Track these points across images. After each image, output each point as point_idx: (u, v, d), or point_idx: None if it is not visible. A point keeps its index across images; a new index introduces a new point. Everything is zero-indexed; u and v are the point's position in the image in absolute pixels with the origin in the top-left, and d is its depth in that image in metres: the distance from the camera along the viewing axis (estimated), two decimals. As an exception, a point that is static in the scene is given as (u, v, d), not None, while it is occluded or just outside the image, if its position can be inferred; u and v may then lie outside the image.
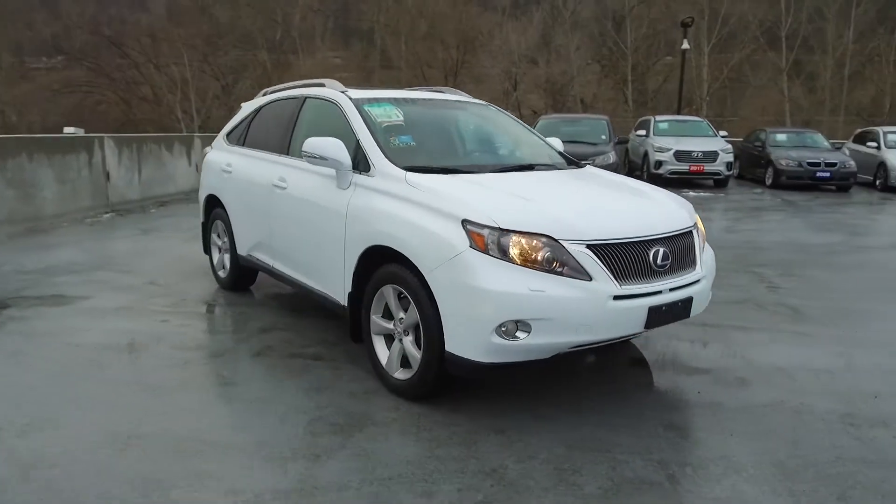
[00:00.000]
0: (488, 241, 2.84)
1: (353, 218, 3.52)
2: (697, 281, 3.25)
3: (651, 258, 3.02)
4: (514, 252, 2.83)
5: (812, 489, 2.54)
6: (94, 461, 2.66)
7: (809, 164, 14.06)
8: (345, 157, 3.62)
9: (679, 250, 3.19)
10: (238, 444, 2.82)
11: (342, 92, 4.17)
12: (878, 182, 14.59)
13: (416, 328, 3.22)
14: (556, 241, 2.85)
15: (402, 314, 3.28)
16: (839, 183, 14.11)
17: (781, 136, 15.75)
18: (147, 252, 6.86)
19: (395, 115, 4.02)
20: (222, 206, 5.20)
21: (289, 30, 39.96)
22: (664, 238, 3.12)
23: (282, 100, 4.82)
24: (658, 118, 16.26)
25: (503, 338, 2.81)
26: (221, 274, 5.44)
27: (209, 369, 3.69)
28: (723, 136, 15.45)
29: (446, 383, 3.19)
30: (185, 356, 3.86)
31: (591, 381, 3.61)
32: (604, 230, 2.97)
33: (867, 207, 11.94)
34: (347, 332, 3.67)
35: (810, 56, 29.95)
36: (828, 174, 13.99)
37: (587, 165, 4.32)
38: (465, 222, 2.92)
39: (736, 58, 28.50)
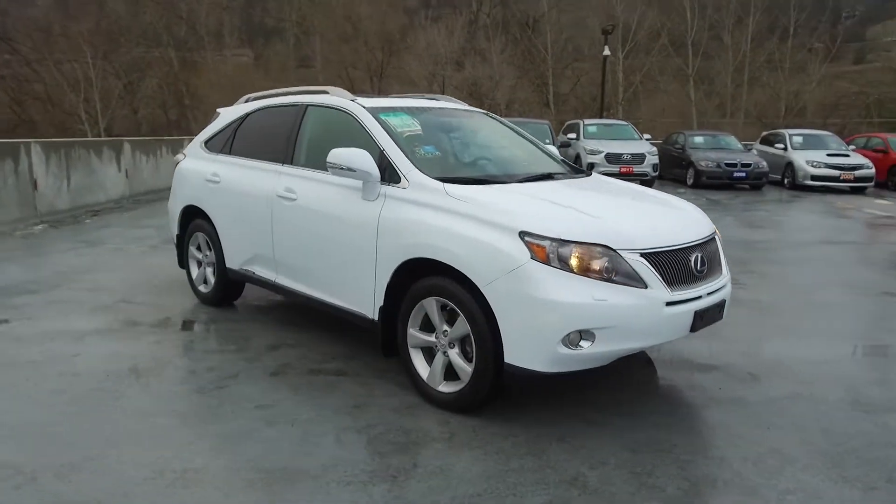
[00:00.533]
0: (549, 252, 2.88)
1: (386, 230, 3.45)
2: (725, 284, 3.44)
3: (692, 264, 3.17)
4: (574, 262, 2.88)
5: (863, 474, 2.75)
6: (157, 499, 2.48)
7: (727, 164, 15.03)
8: (373, 168, 3.55)
9: (710, 256, 3.36)
10: (306, 470, 2.71)
11: (352, 100, 4.09)
12: (786, 181, 15.81)
13: (462, 340, 3.21)
14: (613, 250, 2.93)
15: (446, 327, 3.26)
16: (753, 182, 15.18)
17: (699, 139, 16.75)
18: (103, 266, 6.41)
19: (414, 125, 3.98)
20: (206, 218, 4.95)
21: (195, 26, 38.33)
22: (699, 244, 3.28)
23: (276, 107, 4.65)
24: (587, 122, 16.88)
25: (568, 347, 2.86)
26: (203, 289, 5.18)
27: (233, 392, 3.51)
28: (647, 139, 16.24)
29: (498, 394, 3.20)
30: (199, 380, 3.65)
31: (617, 383, 3.72)
32: (653, 238, 3.08)
33: (783, 204, 12.92)
34: (361, 345, 3.61)
35: (712, 63, 32.08)
36: (744, 174, 15.02)
37: (594, 173, 4.44)
38: (522, 234, 2.94)
39: (647, 64, 30.17)
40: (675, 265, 3.09)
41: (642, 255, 2.98)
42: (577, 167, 4.47)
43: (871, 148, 16.67)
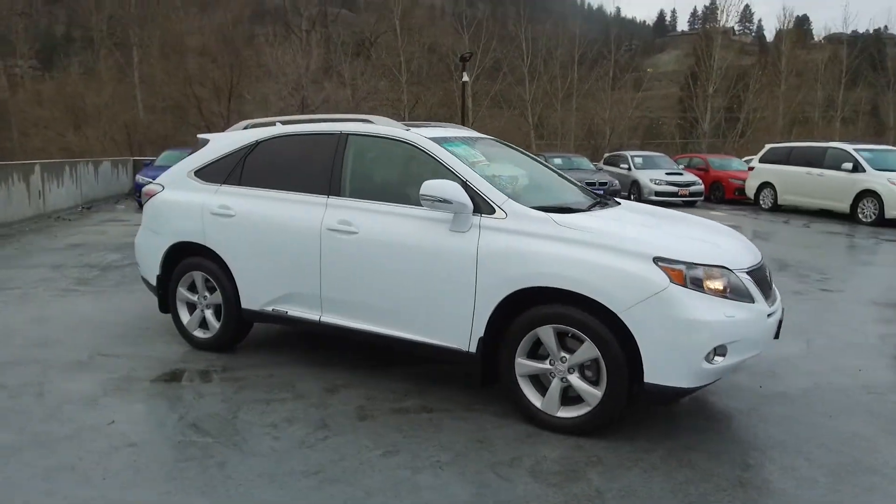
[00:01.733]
0: (686, 275, 3.12)
1: (488, 261, 3.45)
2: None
3: (768, 280, 3.60)
4: (706, 284, 3.15)
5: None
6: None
7: (587, 184, 16.49)
8: (467, 199, 3.53)
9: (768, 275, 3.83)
10: (506, 512, 2.65)
11: (406, 130, 4.02)
12: (632, 197, 17.73)
13: (582, 365, 3.32)
14: (730, 270, 3.25)
15: (563, 353, 3.35)
16: (608, 199, 16.84)
17: (557, 160, 18.17)
18: (40, 318, 5.48)
19: (479, 155, 4.02)
20: (208, 255, 4.48)
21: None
22: (764, 264, 3.73)
23: (301, 136, 4.38)
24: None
25: (709, 363, 3.11)
26: (199, 334, 4.66)
27: (342, 442, 3.26)
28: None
29: (622, 415, 3.35)
30: (293, 434, 3.34)
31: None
32: (748, 258, 3.46)
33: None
34: (421, 379, 3.61)
35: (546, 89, 35.08)
36: (601, 192, 16.58)
37: (621, 199, 4.76)
38: (657, 259, 3.15)
39: (495, 89, 32.12)
40: (763, 281, 3.49)
41: (747, 272, 3.34)
42: (596, 193, 4.75)
43: (694, 167, 19.32)
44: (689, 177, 17.52)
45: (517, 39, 33.39)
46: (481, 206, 3.58)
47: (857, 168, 13.62)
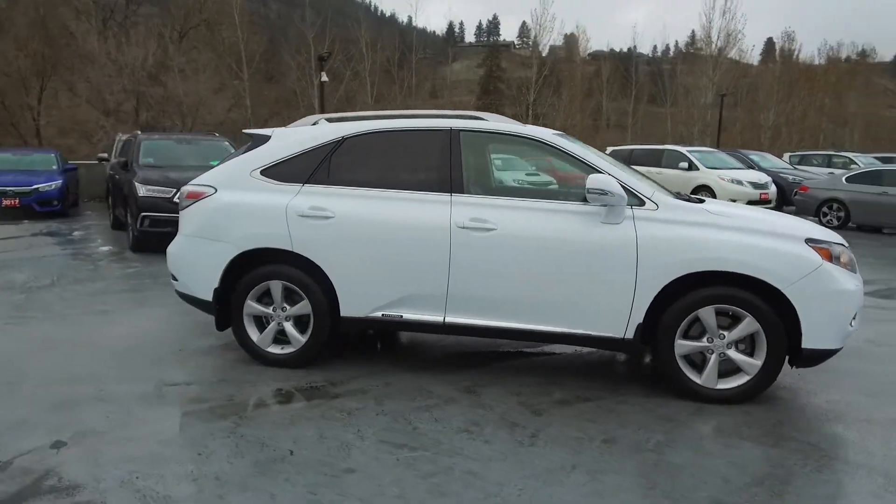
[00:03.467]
0: (831, 253, 3.61)
1: (649, 250, 3.64)
2: None
3: None
4: (842, 259, 3.67)
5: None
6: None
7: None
8: (622, 192, 3.69)
9: None
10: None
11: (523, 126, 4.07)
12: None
13: (737, 341, 3.66)
14: (847, 247, 3.81)
15: (722, 331, 3.66)
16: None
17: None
18: (24, 349, 4.45)
19: (593, 151, 4.18)
20: (292, 262, 4.07)
21: None
22: None
23: (401, 132, 4.17)
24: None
25: (850, 326, 3.63)
26: (275, 350, 4.20)
27: (552, 437, 3.23)
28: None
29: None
30: (497, 438, 3.23)
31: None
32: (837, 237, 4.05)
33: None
34: (534, 369, 3.69)
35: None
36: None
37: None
38: (808, 241, 3.60)
39: (340, 91, 31.49)
40: None
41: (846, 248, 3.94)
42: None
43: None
44: (546, 176, 18.95)
45: (358, 43, 33.27)
46: (630, 198, 3.76)
47: (691, 167, 15.85)
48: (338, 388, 3.88)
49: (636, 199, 3.76)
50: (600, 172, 3.78)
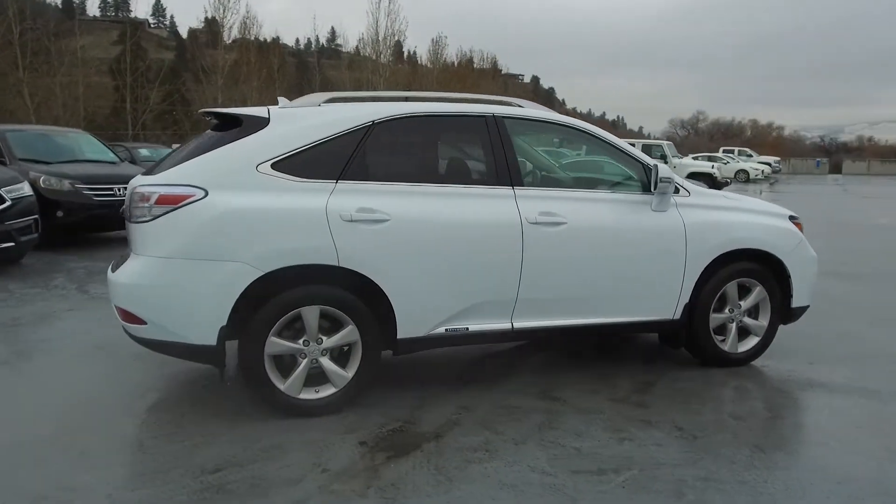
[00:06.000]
0: (801, 225, 4.35)
1: (695, 234, 3.87)
2: None
3: None
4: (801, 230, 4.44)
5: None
6: None
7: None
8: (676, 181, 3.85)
9: None
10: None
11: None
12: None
13: (752, 308, 4.17)
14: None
15: (740, 301, 4.13)
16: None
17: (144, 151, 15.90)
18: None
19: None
20: (335, 280, 3.23)
21: None
22: None
23: (437, 116, 3.59)
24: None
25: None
26: (312, 395, 3.29)
27: (714, 442, 3.22)
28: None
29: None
30: (639, 438, 3.11)
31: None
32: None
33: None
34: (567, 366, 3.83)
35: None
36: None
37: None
38: (791, 217, 4.27)
39: None
40: None
41: None
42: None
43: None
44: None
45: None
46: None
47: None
48: (423, 425, 3.22)
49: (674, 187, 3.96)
50: (640, 161, 3.88)
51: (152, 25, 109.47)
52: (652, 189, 3.78)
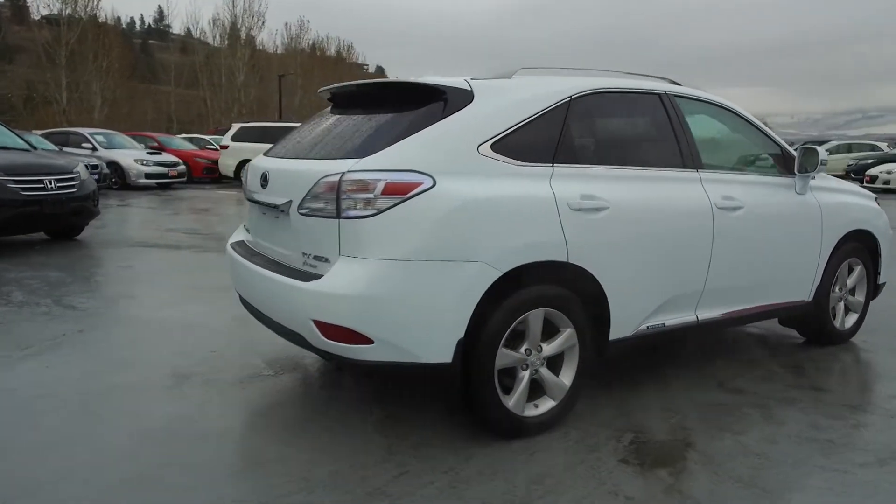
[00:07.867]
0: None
1: (826, 217, 3.92)
2: None
3: None
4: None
5: None
6: None
7: (90, 167, 13.11)
8: None
9: None
10: None
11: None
12: (115, 182, 14.99)
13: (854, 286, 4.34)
14: None
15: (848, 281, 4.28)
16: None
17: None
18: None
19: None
20: (558, 279, 2.84)
21: None
22: None
23: (622, 93, 3.27)
24: None
25: None
26: (533, 412, 2.87)
27: (841, 442, 3.21)
28: None
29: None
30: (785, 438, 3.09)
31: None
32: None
33: (159, 206, 12.89)
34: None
35: None
36: (97, 177, 13.48)
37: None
38: (876, 199, 4.49)
39: None
40: None
41: None
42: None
43: (147, 146, 17.57)
44: (168, 156, 16.11)
45: None
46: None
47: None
48: (655, 433, 2.93)
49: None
50: (777, 143, 3.86)
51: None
52: (796, 171, 3.77)
